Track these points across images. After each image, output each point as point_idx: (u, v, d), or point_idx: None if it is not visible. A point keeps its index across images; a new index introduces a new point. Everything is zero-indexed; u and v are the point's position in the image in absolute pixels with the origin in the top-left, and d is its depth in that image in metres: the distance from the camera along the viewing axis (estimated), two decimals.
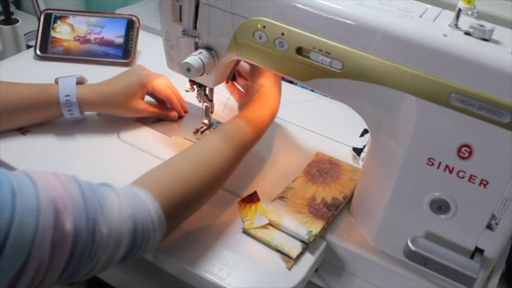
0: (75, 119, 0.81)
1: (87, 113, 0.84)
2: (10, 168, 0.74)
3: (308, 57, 0.62)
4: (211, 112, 0.84)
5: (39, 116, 0.79)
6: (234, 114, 0.88)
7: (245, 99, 0.80)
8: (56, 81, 0.78)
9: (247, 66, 0.82)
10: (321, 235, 0.67)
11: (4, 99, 0.74)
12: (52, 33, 0.99)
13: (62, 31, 1.00)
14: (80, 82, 0.79)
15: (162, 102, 0.87)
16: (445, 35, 0.55)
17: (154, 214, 0.56)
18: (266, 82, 0.78)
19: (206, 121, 0.85)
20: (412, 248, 0.59)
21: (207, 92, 0.81)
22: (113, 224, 0.51)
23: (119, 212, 0.52)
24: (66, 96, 0.77)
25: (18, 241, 0.43)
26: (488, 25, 0.55)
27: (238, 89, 0.85)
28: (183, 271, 0.63)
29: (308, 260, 0.65)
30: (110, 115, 0.84)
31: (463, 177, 0.57)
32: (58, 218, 0.46)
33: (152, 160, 0.77)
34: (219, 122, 0.86)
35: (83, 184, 0.51)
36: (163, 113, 0.85)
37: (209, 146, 0.68)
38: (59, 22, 1.00)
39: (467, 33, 0.55)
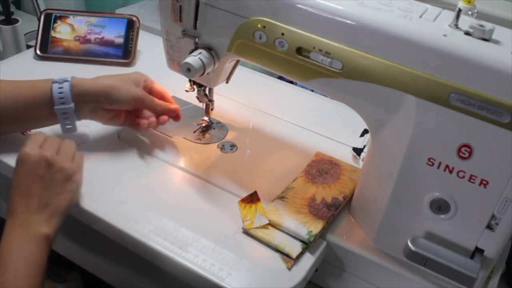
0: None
1: None
2: (10, 168, 0.74)
3: (308, 57, 0.62)
4: (211, 109, 0.84)
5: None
6: (233, 113, 0.89)
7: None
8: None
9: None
10: (321, 235, 0.67)
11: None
12: (52, 33, 0.99)
13: (62, 31, 1.00)
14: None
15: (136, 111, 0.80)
16: (445, 35, 0.55)
17: None
18: None
19: (206, 118, 0.85)
20: (412, 248, 0.59)
21: (206, 92, 0.81)
22: None
23: None
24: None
25: None
26: (488, 25, 0.55)
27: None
28: (183, 271, 0.63)
29: (308, 260, 0.65)
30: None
31: (463, 177, 0.57)
32: None
33: (152, 160, 0.77)
34: (219, 122, 0.86)
35: None
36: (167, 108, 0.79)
37: None
38: (59, 22, 1.00)
39: (467, 33, 0.55)
